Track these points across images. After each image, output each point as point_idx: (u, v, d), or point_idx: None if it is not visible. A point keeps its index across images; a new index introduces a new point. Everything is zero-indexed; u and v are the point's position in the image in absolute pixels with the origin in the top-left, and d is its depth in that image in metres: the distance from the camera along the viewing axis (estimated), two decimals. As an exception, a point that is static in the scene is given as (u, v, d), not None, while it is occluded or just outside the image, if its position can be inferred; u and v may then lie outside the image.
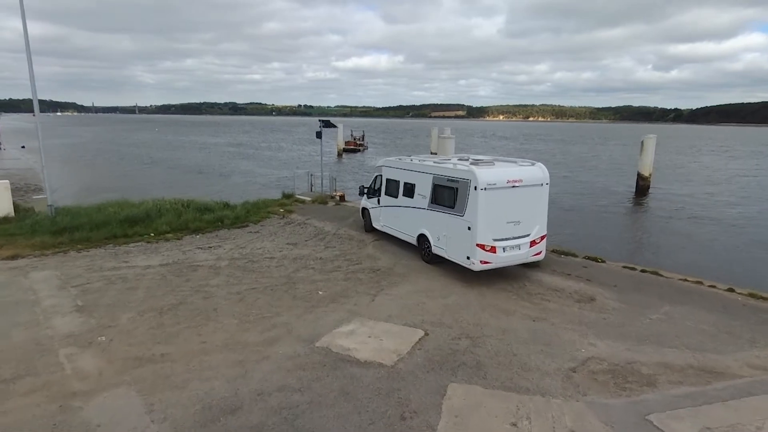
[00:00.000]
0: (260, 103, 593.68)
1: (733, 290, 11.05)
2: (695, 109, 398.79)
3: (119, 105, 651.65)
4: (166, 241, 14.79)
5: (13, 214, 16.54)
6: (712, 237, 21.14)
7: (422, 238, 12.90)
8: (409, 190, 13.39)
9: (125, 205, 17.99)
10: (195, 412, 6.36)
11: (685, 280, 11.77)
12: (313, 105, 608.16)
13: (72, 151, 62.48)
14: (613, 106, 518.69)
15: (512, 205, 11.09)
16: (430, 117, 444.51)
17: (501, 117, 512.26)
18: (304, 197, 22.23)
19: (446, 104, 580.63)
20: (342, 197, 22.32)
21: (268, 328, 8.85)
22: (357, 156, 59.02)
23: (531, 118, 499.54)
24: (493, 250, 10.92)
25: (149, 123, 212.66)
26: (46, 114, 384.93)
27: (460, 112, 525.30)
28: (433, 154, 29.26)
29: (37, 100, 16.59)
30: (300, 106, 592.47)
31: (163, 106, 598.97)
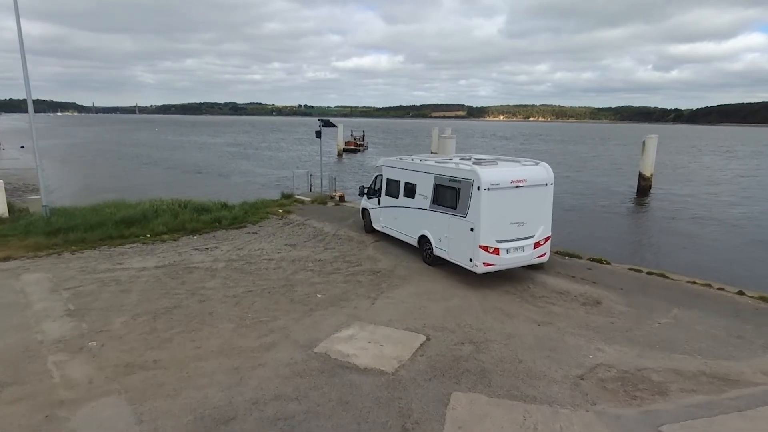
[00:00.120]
0: (260, 103, 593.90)
1: (743, 293, 10.77)
2: (696, 109, 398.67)
3: (119, 105, 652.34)
4: (163, 242, 14.52)
5: (6, 214, 16.27)
6: (715, 237, 20.90)
7: (423, 240, 12.62)
8: (410, 191, 13.11)
9: (122, 206, 17.72)
10: (187, 422, 6.07)
11: (694, 283, 11.48)
12: (314, 105, 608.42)
13: (72, 151, 62.30)
14: (614, 106, 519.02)
15: (516, 206, 10.81)
16: (431, 117, 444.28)
17: (501, 117, 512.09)
18: (303, 197, 21.96)
19: (446, 104, 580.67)
20: (342, 197, 22.05)
21: (265, 333, 8.57)
22: (357, 156, 58.73)
23: (531, 119, 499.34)
24: (497, 251, 10.63)
25: (149, 123, 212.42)
26: (47, 114, 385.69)
27: (461, 113, 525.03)
28: (433, 155, 28.98)
29: (32, 100, 16.28)
30: (300, 106, 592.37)
31: (164, 106, 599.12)
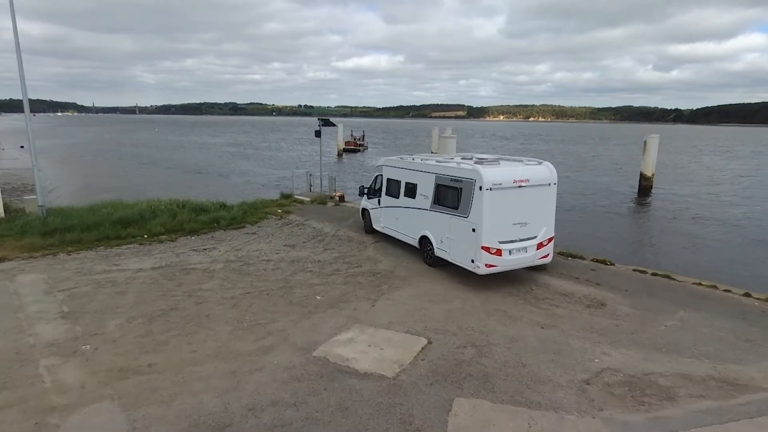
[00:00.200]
0: (260, 104, 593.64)
1: (750, 295, 10.58)
2: (696, 109, 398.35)
3: (119, 105, 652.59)
4: (160, 243, 14.33)
5: (2, 214, 16.09)
6: (716, 238, 20.77)
7: (424, 240, 12.43)
8: (411, 191, 12.92)
9: (119, 206, 17.55)
10: (181, 429, 5.89)
11: (699, 284, 11.30)
12: (314, 105, 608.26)
13: (72, 151, 62.24)
14: (614, 106, 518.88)
15: (519, 206, 10.62)
16: (431, 117, 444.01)
17: (501, 117, 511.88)
18: (302, 197, 21.77)
19: (446, 104, 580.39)
20: (341, 197, 21.87)
21: (263, 336, 8.39)
22: (357, 156, 58.56)
23: (531, 119, 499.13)
24: (499, 252, 10.44)
25: (149, 123, 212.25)
26: (47, 114, 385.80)
27: (461, 113, 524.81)
28: (434, 155, 28.79)
29: (28, 100, 16.14)
30: (300, 106, 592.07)
31: (164, 106, 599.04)
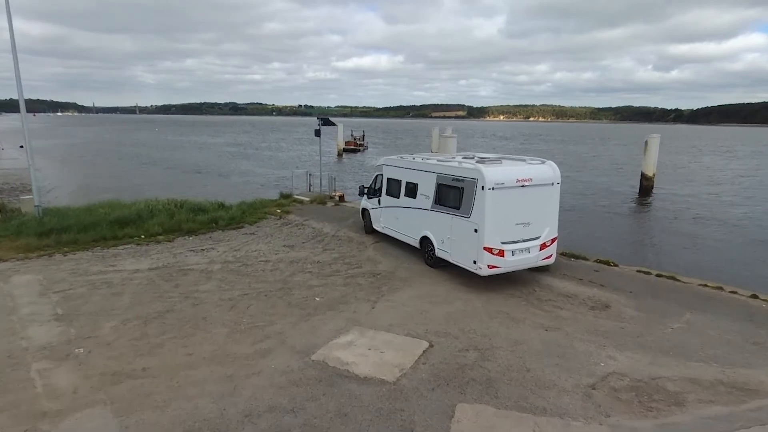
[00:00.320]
0: (260, 104, 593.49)
1: (757, 297, 10.40)
2: (696, 109, 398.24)
3: (120, 105, 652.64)
4: (157, 243, 14.15)
5: (-2, 215, 15.91)
6: (718, 238, 20.62)
7: (425, 241, 12.25)
8: (412, 190, 12.74)
9: (116, 206, 17.37)
10: (175, 436, 5.71)
11: (705, 286, 11.12)
12: (314, 105, 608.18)
13: (71, 151, 62.14)
14: (614, 106, 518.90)
15: (521, 206, 10.43)
16: (431, 117, 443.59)
17: (501, 117, 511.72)
18: (302, 197, 21.59)
19: (446, 104, 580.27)
20: (341, 197, 21.69)
21: (260, 339, 8.20)
22: (357, 156, 58.37)
23: (531, 119, 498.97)
24: (502, 253, 10.26)
25: (149, 123, 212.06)
26: (47, 114, 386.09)
27: (461, 113, 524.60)
28: (434, 154, 28.59)
29: (24, 100, 15.96)
30: (300, 106, 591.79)
31: (164, 106, 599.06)
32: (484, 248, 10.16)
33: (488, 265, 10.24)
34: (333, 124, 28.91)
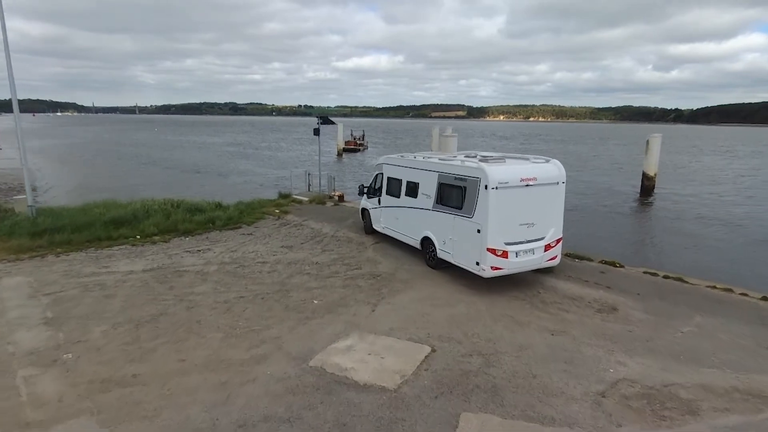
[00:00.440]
0: (260, 104, 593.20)
1: (768, 299, 10.12)
2: (696, 109, 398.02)
3: (119, 105, 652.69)
4: (153, 244, 13.86)
5: (-9, 215, 15.60)
6: (720, 237, 20.37)
7: (426, 242, 11.96)
8: (413, 190, 12.45)
9: (112, 206, 17.07)
10: (164, 448, 5.42)
11: (714, 288, 10.83)
12: (314, 105, 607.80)
13: (70, 151, 61.81)
14: (614, 106, 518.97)
15: (526, 206, 10.14)
16: (431, 117, 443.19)
17: (501, 117, 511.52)
18: (301, 197, 21.30)
19: (446, 104, 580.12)
20: (341, 197, 21.41)
21: (256, 344, 7.91)
22: (357, 156, 58.07)
23: (531, 119, 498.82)
24: (505, 254, 9.96)
25: (149, 123, 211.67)
26: (47, 114, 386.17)
27: (461, 113, 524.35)
28: (435, 153, 28.28)
29: (17, 99, 15.70)
30: (300, 106, 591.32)
31: (163, 106, 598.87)
32: (487, 249, 9.87)
33: (491, 267, 9.95)
34: (332, 122, 28.61)
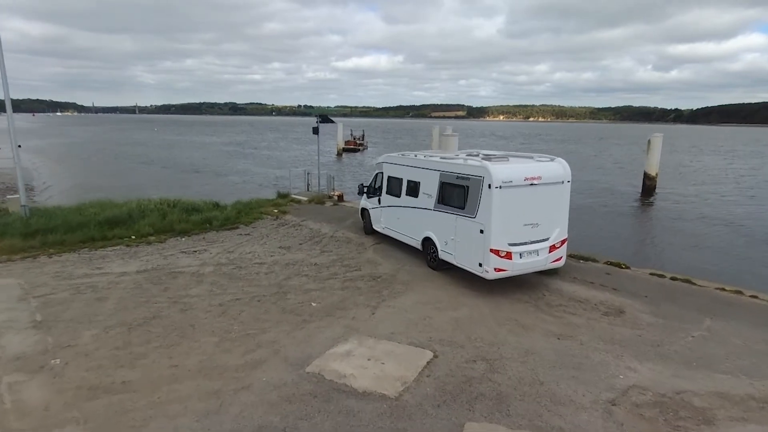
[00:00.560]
0: (260, 104, 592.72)
1: (779, 301, 9.83)
2: (695, 109, 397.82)
3: (119, 105, 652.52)
4: (148, 244, 13.56)
5: (-17, 215, 15.30)
6: (723, 238, 20.20)
7: (428, 242, 11.67)
8: (413, 189, 12.16)
9: (107, 206, 16.79)
10: (153, 461, 5.14)
11: (723, 290, 10.54)
12: (314, 105, 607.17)
13: (69, 150, 61.61)
14: (614, 106, 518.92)
15: (530, 206, 9.86)
16: (430, 117, 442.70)
17: (501, 117, 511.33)
18: (300, 197, 21.01)
19: (446, 104, 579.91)
20: (340, 197, 21.12)
21: (252, 348, 7.62)
22: (357, 156, 57.81)
23: (531, 119, 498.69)
24: (509, 256, 9.68)
25: (148, 123, 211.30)
26: (47, 114, 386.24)
27: (460, 113, 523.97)
28: (436, 152, 27.98)
29: (9, 97, 15.41)
30: (300, 106, 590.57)
31: (163, 106, 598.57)
32: (491, 250, 9.58)
33: (495, 268, 9.66)
34: (332, 121, 28.33)
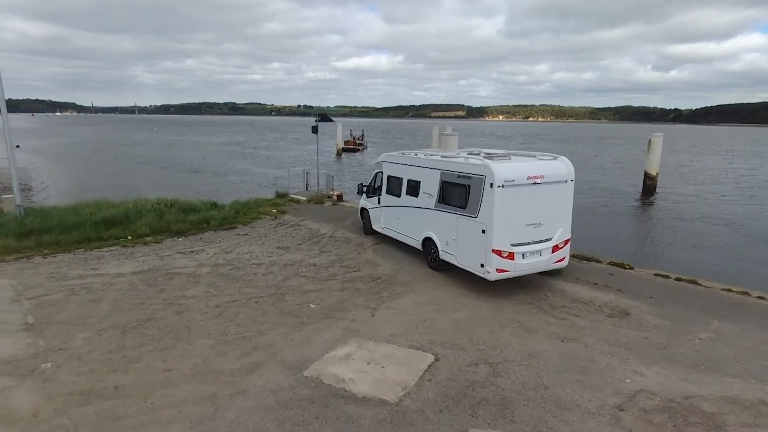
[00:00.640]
0: (260, 104, 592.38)
1: (787, 303, 9.65)
2: (695, 109, 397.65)
3: (119, 105, 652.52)
4: (144, 245, 13.36)
5: (-23, 215, 15.10)
6: (724, 237, 20.12)
7: (428, 242, 11.48)
8: (414, 188, 11.98)
9: (103, 206, 16.58)
10: (144, 470, 4.95)
11: (729, 291, 10.36)
12: (313, 105, 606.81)
13: (68, 150, 61.48)
14: (613, 106, 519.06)
15: (533, 205, 9.67)
16: (430, 117, 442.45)
17: (501, 117, 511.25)
18: (299, 197, 20.82)
19: (446, 104, 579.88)
20: (340, 197, 20.93)
21: (249, 352, 7.43)
22: (356, 155, 57.64)
23: (531, 119, 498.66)
24: (511, 256, 9.49)
25: (148, 123, 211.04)
26: (46, 114, 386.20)
27: (460, 113, 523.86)
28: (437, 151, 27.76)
29: (3, 97, 15.17)
30: (300, 106, 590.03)
31: (163, 106, 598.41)
32: (493, 251, 9.39)
33: (497, 269, 9.47)
34: (331, 120, 28.15)
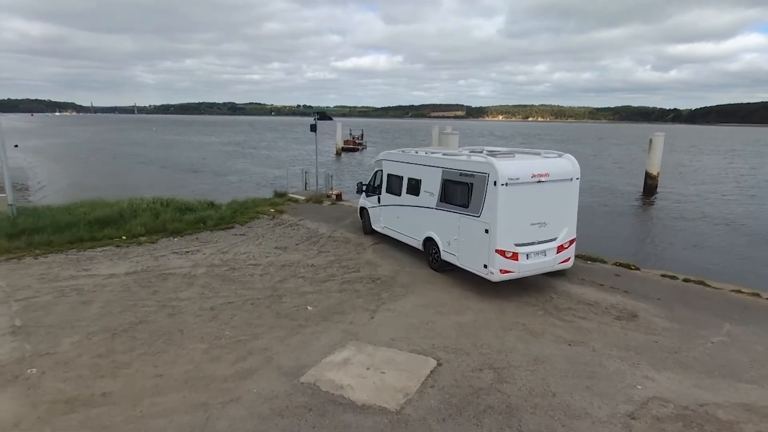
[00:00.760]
0: (259, 104, 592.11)
1: (800, 304, 9.36)
2: (694, 109, 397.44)
3: (118, 105, 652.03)
4: (139, 245, 13.06)
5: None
6: (725, 237, 19.89)
7: (429, 242, 11.19)
8: (414, 187, 11.69)
9: (98, 205, 16.28)
10: (130, 485, 4.65)
11: (739, 292, 10.08)
12: (313, 105, 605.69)
13: (67, 150, 61.24)
14: (613, 106, 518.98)
15: (537, 204, 9.38)
16: (430, 117, 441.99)
17: (500, 117, 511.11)
18: (297, 196, 20.53)
19: (446, 104, 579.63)
20: (339, 196, 20.64)
21: (243, 356, 7.14)
22: (356, 155, 57.33)
23: (530, 119, 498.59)
24: (515, 257, 9.20)
25: (147, 123, 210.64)
26: (45, 114, 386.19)
27: (460, 113, 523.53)
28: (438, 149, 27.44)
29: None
30: (299, 106, 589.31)
31: (162, 106, 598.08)
32: (496, 251, 9.10)
33: (500, 270, 9.18)
34: (330, 118, 27.88)
